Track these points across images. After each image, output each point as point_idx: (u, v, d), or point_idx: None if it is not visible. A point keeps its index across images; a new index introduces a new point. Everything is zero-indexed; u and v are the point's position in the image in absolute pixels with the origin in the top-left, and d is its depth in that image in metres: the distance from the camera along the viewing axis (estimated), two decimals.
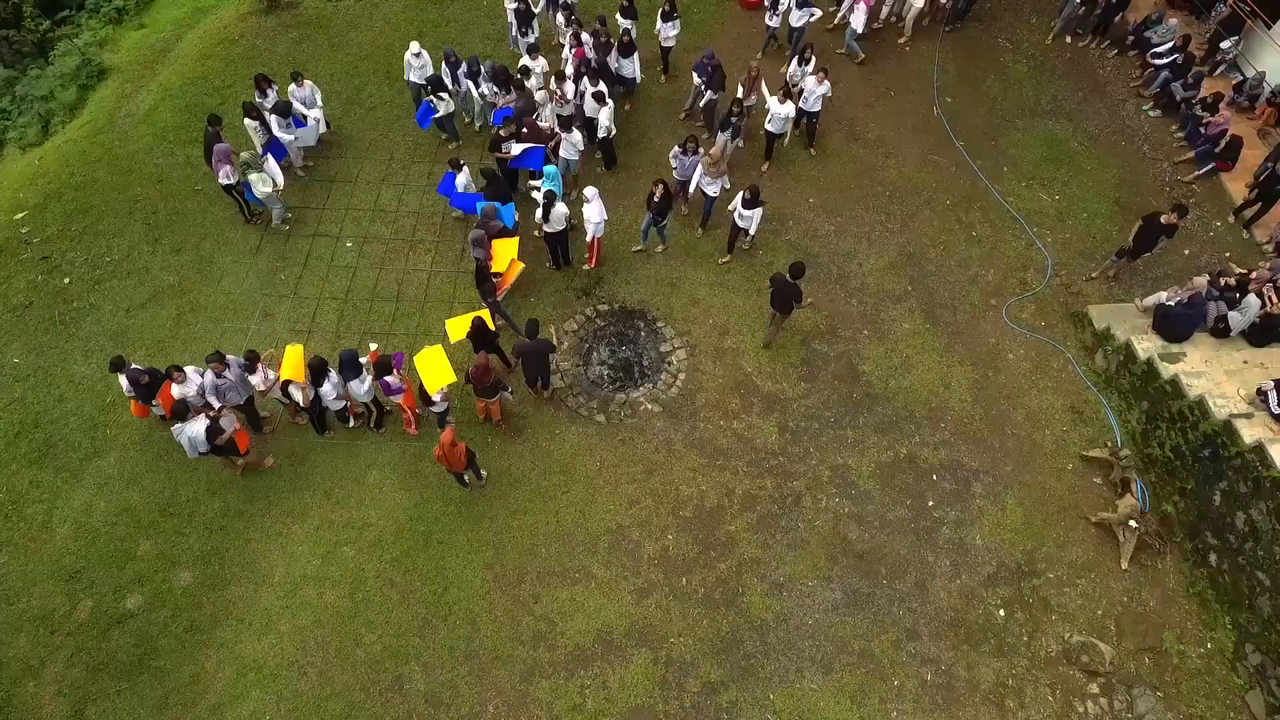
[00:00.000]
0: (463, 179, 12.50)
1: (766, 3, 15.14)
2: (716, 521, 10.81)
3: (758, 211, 12.09)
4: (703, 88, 13.90)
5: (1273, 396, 10.01)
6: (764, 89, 13.39)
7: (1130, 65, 15.80)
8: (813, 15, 14.64)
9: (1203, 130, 14.11)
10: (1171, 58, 14.86)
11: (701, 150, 12.55)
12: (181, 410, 9.84)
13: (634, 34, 14.41)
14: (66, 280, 12.86)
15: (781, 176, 14.34)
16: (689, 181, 12.71)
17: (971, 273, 13.33)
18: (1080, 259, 13.39)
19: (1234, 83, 14.96)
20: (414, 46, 13.40)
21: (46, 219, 13.59)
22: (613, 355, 12.36)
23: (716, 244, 13.31)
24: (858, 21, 14.95)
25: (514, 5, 14.34)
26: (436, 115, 13.71)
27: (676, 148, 12.79)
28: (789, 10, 14.64)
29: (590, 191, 11.97)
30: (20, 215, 13.58)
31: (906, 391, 12.03)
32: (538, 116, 13.22)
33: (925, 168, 14.59)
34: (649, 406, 11.76)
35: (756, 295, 12.86)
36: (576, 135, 12.61)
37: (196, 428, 9.76)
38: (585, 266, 13.04)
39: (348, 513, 10.77)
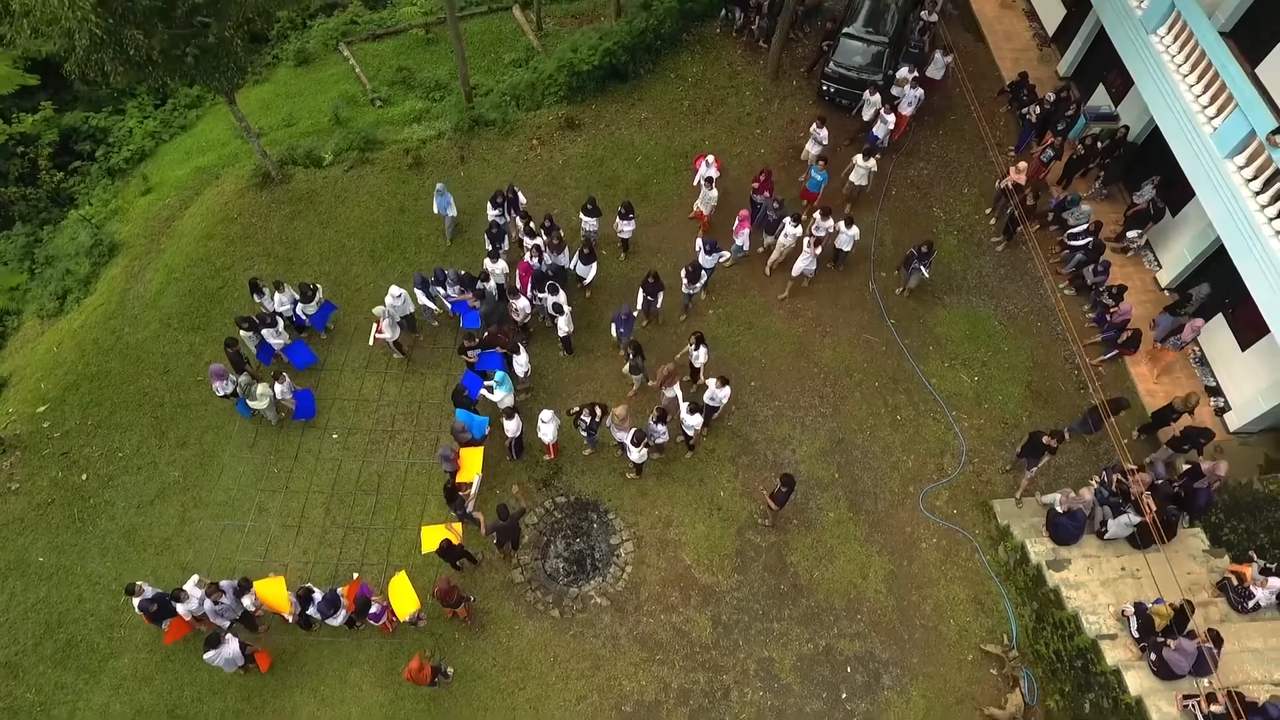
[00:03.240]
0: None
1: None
2: (654, 717, 12.34)
3: (726, 390, 13.52)
4: (621, 337, 14.95)
5: (1133, 622, 11.47)
6: (677, 389, 13.91)
7: (1051, 241, 17.21)
8: (721, 257, 15.68)
9: (1109, 318, 15.52)
10: (1085, 240, 16.28)
11: (612, 414, 13.54)
12: (214, 640, 11.33)
13: (595, 235, 15.84)
14: (84, 476, 14.46)
15: (727, 359, 15.81)
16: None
17: (894, 459, 14.80)
18: (992, 446, 14.85)
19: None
20: (394, 290, 14.67)
21: (66, 411, 15.18)
22: (568, 548, 13.89)
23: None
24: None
25: (500, 219, 15.78)
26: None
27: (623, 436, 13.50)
28: (700, 250, 15.39)
29: (546, 414, 13.49)
30: (42, 408, 15.18)
31: (828, 582, 13.53)
32: (503, 316, 14.75)
33: (858, 348, 16.05)
34: (599, 600, 13.29)
35: (699, 484, 14.40)
36: (524, 356, 14.10)
37: (231, 649, 11.32)
38: (545, 458, 14.55)
39: (332, 710, 12.33)
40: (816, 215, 15.37)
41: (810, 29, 21.05)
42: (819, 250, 15.43)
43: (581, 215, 15.94)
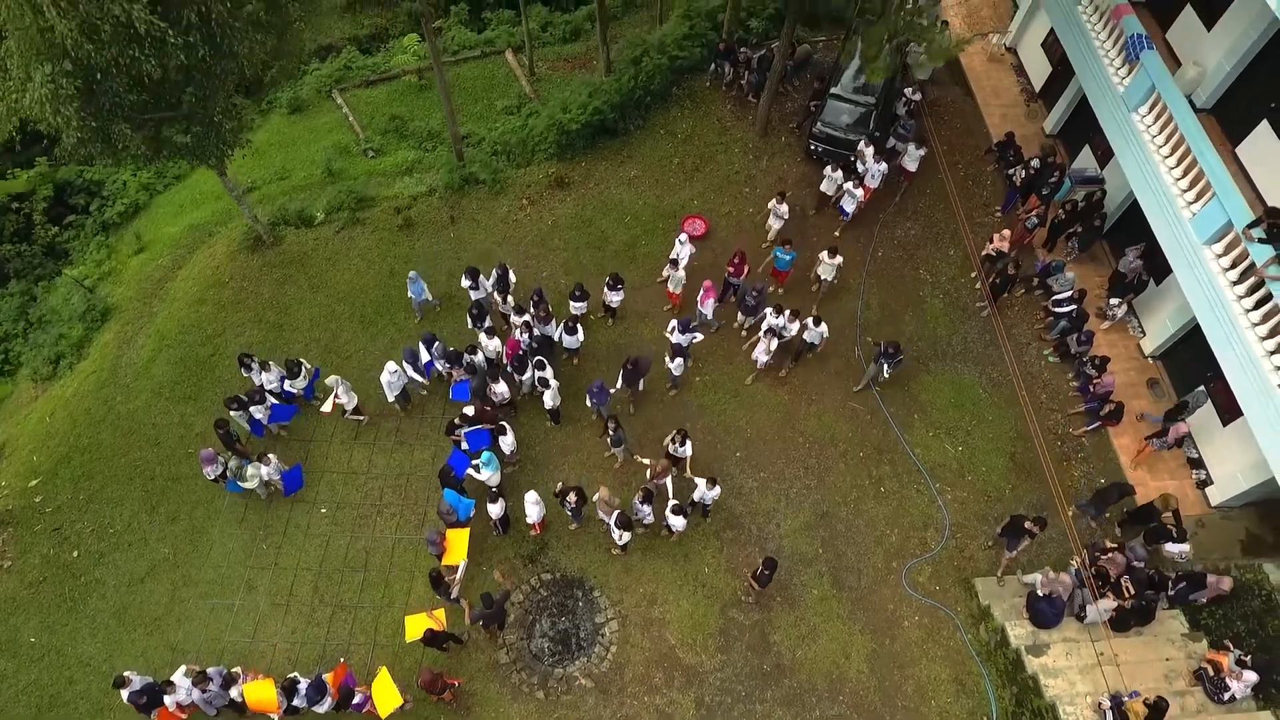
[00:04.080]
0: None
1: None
2: None
3: (716, 490, 13.64)
4: (596, 409, 15.08)
5: (1109, 715, 11.59)
6: (669, 483, 13.94)
7: (1036, 305, 17.29)
8: (695, 338, 15.51)
9: (1092, 388, 15.61)
10: (1070, 308, 16.37)
11: (596, 496, 13.80)
12: None
13: (581, 315, 15.95)
14: (75, 553, 14.63)
15: (713, 428, 15.95)
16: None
17: (877, 532, 14.92)
18: (975, 520, 14.96)
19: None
20: (390, 366, 14.79)
21: (58, 485, 15.35)
22: (554, 626, 14.02)
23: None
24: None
25: (473, 293, 15.91)
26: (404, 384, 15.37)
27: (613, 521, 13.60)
28: (672, 330, 15.53)
29: (531, 496, 13.63)
30: (34, 482, 15.35)
31: (811, 662, 13.66)
32: (489, 391, 14.88)
33: (843, 416, 16.16)
34: (583, 682, 13.43)
35: (684, 560, 14.53)
36: (510, 436, 14.23)
37: None
38: (531, 533, 14.69)
39: None
40: (785, 314, 15.23)
41: (799, 82, 21.14)
42: (774, 343, 15.38)
43: (570, 301, 15.85)
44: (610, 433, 14.38)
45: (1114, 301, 16.26)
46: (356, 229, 18.90)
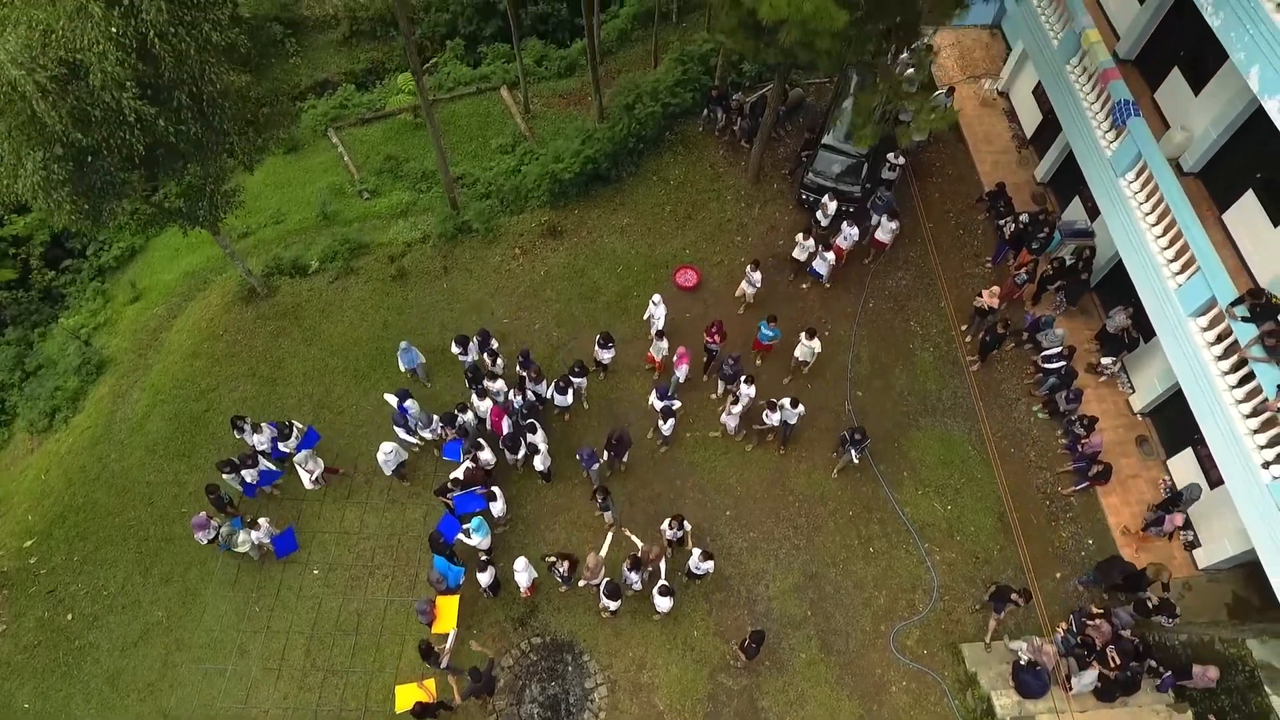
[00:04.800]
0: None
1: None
2: None
3: (710, 563, 13.77)
4: (586, 470, 15.20)
5: None
6: (662, 566, 13.90)
7: (1026, 360, 17.35)
8: (674, 404, 15.34)
9: (1080, 448, 15.68)
10: (1059, 364, 16.42)
11: (584, 564, 13.94)
12: None
13: (583, 389, 16.06)
14: (69, 616, 14.74)
15: (703, 486, 16.04)
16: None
17: (866, 594, 15.00)
18: (963, 583, 15.04)
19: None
20: (385, 446, 14.81)
21: (53, 546, 15.47)
22: (543, 692, 14.11)
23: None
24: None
25: (463, 358, 16.03)
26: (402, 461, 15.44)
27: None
28: (650, 401, 15.74)
29: (520, 564, 13.72)
30: (29, 543, 15.47)
31: None
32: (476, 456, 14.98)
33: (833, 472, 16.23)
34: None
35: (673, 623, 14.62)
36: (500, 501, 14.34)
37: None
38: (522, 595, 14.77)
39: None
40: (764, 406, 15.27)
41: (791, 126, 21.23)
42: (738, 409, 15.43)
43: (570, 378, 15.69)
44: (599, 501, 14.47)
45: (1106, 361, 16.33)
46: (350, 278, 18.99)
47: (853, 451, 14.99)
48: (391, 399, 15.26)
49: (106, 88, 10.94)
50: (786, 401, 14.92)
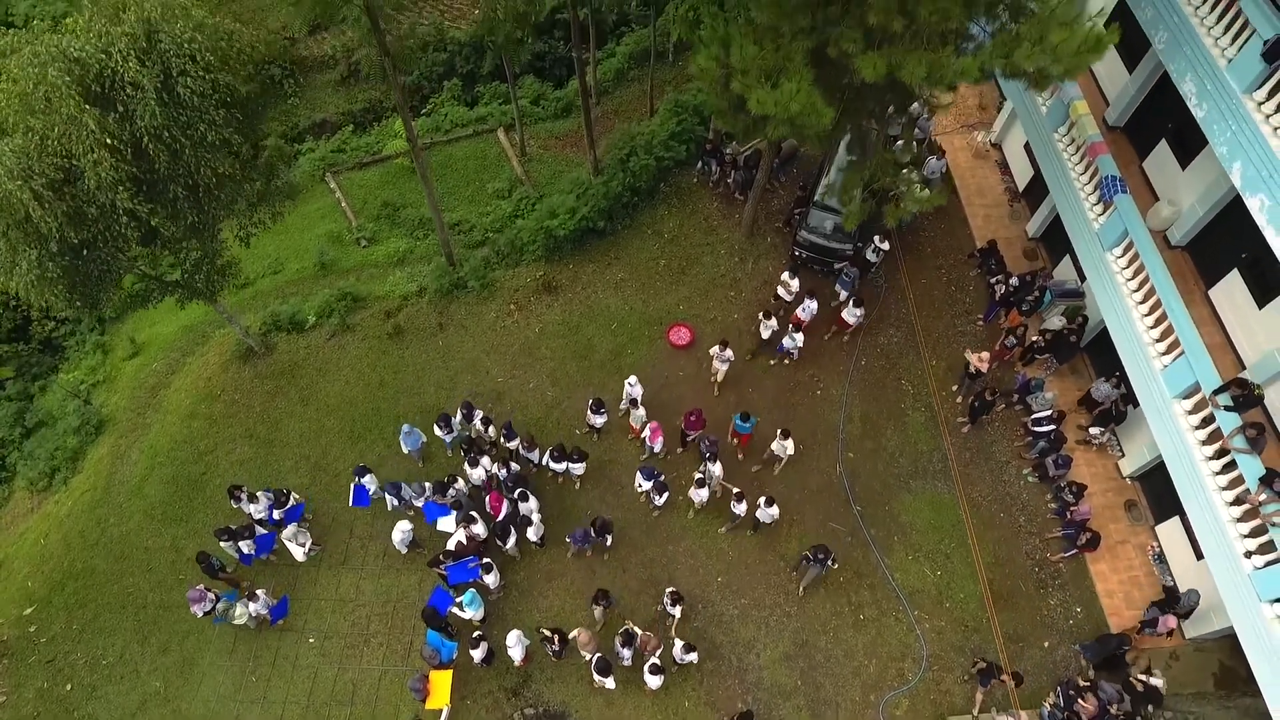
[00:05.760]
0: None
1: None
2: None
3: (693, 654, 13.89)
4: (579, 548, 15.42)
5: None
6: (656, 658, 13.89)
7: (1017, 421, 17.47)
8: (659, 479, 15.47)
9: (1069, 514, 15.81)
10: (1049, 428, 16.54)
11: (575, 639, 14.07)
12: None
13: (578, 473, 16.21)
14: (69, 686, 14.95)
15: (694, 551, 16.19)
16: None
17: (856, 663, 15.15)
18: (952, 652, 15.18)
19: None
20: (403, 524, 15.08)
21: (52, 613, 15.68)
22: None
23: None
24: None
25: (447, 437, 16.29)
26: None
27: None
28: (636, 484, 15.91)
29: (513, 638, 13.89)
30: (30, 610, 15.67)
31: None
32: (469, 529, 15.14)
33: (824, 537, 16.33)
34: None
35: (664, 693, 14.77)
36: (495, 575, 14.51)
37: None
38: (515, 665, 14.94)
39: None
40: (733, 498, 15.30)
41: (785, 178, 21.35)
42: (704, 492, 15.57)
43: (568, 464, 15.80)
44: (602, 605, 14.44)
45: (1095, 431, 16.44)
46: (347, 335, 19.16)
47: (819, 569, 14.88)
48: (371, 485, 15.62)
49: (101, 188, 11.11)
50: (762, 500, 14.93)
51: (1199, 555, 14.76)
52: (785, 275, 17.83)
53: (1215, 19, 12.11)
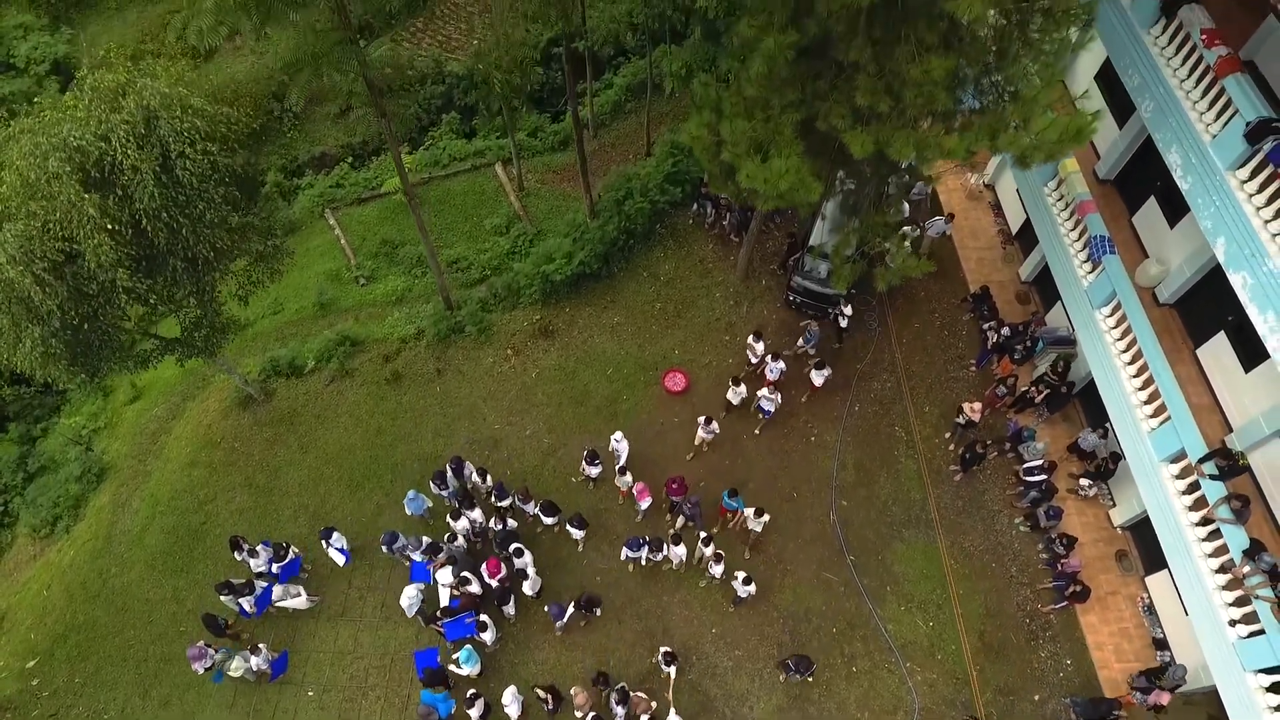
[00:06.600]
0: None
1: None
2: None
3: None
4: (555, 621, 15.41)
5: None
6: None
7: (1009, 469, 17.62)
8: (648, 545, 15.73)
9: (1059, 566, 15.97)
10: (1040, 478, 16.69)
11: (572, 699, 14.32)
12: None
13: (582, 540, 16.41)
14: None
15: (689, 603, 16.35)
16: None
17: (848, 716, 15.31)
18: (943, 705, 15.35)
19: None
20: (410, 591, 15.07)
21: (54, 666, 15.88)
22: None
23: None
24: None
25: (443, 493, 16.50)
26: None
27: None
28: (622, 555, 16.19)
29: (508, 695, 14.08)
30: (31, 663, 15.87)
31: None
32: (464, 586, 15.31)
33: (817, 588, 16.54)
34: None
35: None
36: (491, 631, 14.70)
37: None
38: None
39: None
40: (711, 558, 15.59)
41: (781, 219, 21.49)
42: (682, 549, 15.73)
43: (570, 528, 16.05)
44: (603, 688, 14.49)
45: (1085, 482, 16.59)
46: (346, 381, 19.35)
47: (798, 676, 14.95)
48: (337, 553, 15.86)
49: (102, 268, 11.30)
50: (741, 576, 15.06)
51: (1187, 610, 14.91)
52: (750, 339, 17.96)
53: (1200, 93, 12.26)
